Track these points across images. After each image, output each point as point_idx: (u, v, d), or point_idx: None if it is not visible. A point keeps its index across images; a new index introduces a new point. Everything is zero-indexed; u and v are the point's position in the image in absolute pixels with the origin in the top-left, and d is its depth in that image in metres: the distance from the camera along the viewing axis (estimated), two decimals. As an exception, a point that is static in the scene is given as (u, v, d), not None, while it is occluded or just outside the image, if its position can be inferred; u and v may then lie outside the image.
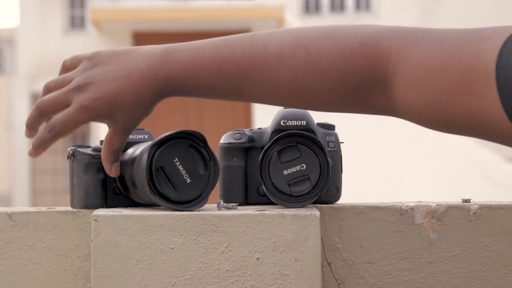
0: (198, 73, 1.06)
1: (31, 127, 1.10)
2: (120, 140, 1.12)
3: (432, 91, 0.93)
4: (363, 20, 15.24)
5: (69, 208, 1.22)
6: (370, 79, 0.99)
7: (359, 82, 0.99)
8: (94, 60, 1.09)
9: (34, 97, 14.98)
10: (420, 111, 0.96)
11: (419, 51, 0.95)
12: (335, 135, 1.24)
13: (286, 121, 1.21)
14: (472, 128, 0.93)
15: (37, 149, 1.09)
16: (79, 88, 1.07)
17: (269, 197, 1.16)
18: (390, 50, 0.97)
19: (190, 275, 1.09)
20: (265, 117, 7.52)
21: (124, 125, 1.10)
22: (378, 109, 1.02)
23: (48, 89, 1.10)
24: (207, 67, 1.05)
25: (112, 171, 1.14)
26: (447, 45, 0.93)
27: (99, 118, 1.09)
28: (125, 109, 1.08)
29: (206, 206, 1.16)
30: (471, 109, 0.91)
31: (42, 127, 1.10)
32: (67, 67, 1.11)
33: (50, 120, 1.08)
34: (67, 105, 1.08)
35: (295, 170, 1.16)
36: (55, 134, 1.08)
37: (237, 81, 1.05)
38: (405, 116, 0.99)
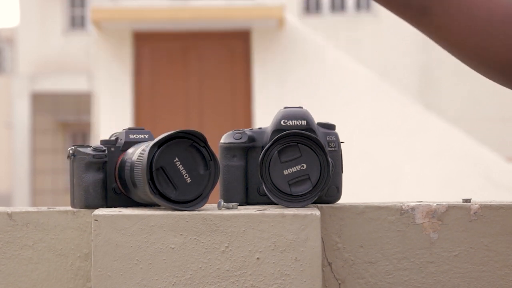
0: None
1: None
2: None
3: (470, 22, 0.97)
4: (364, 20, 15.23)
5: (69, 208, 1.22)
6: None
7: None
8: None
9: (34, 97, 14.96)
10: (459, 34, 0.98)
11: None
12: (336, 135, 1.24)
13: (286, 121, 1.21)
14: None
15: None
16: None
17: (270, 196, 1.16)
18: None
19: (191, 275, 1.09)
20: (265, 116, 7.52)
21: None
22: None
23: None
24: None
25: None
26: None
27: None
28: None
29: (207, 206, 1.16)
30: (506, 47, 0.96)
31: None
32: None
33: None
34: None
35: (295, 169, 1.16)
36: None
37: None
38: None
